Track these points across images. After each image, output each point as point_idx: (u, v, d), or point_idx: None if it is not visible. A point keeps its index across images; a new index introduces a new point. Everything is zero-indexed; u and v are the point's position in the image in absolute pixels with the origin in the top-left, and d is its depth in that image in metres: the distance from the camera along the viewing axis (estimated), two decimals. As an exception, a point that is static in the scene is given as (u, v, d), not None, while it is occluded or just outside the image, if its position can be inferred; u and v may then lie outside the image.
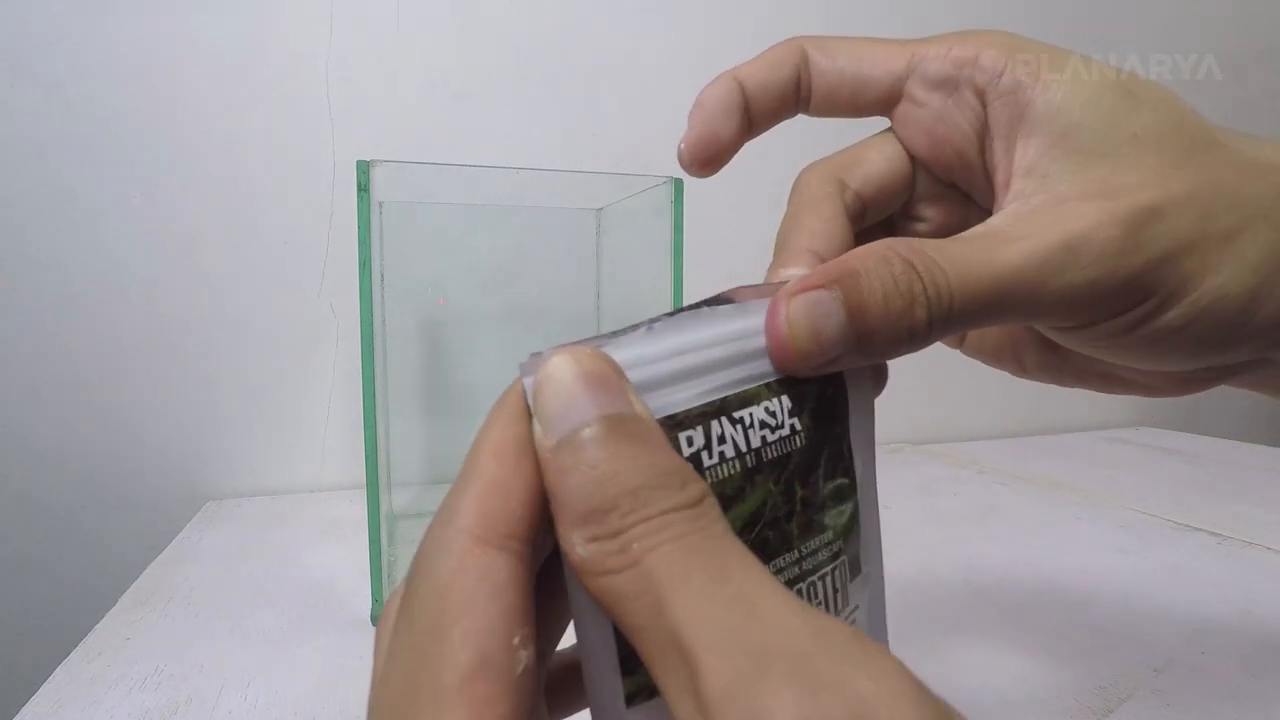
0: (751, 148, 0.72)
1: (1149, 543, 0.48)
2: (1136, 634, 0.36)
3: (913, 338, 0.16)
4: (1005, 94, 0.17)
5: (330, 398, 0.61)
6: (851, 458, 0.18)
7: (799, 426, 0.16)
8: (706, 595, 0.10)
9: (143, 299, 0.57)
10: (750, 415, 0.15)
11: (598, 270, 0.57)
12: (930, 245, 0.16)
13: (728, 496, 0.14)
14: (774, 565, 0.15)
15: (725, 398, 0.15)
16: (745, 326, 0.16)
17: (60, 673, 0.32)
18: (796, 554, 0.16)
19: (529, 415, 0.13)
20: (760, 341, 0.16)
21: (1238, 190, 0.16)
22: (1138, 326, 0.17)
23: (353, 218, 0.35)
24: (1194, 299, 0.16)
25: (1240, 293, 0.16)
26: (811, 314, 0.15)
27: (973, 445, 0.78)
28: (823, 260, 0.18)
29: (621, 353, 0.14)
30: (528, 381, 0.13)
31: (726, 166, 0.38)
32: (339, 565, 0.44)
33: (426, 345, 0.57)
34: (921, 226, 0.21)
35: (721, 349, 0.15)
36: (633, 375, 0.14)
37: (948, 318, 0.15)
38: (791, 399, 0.16)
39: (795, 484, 0.16)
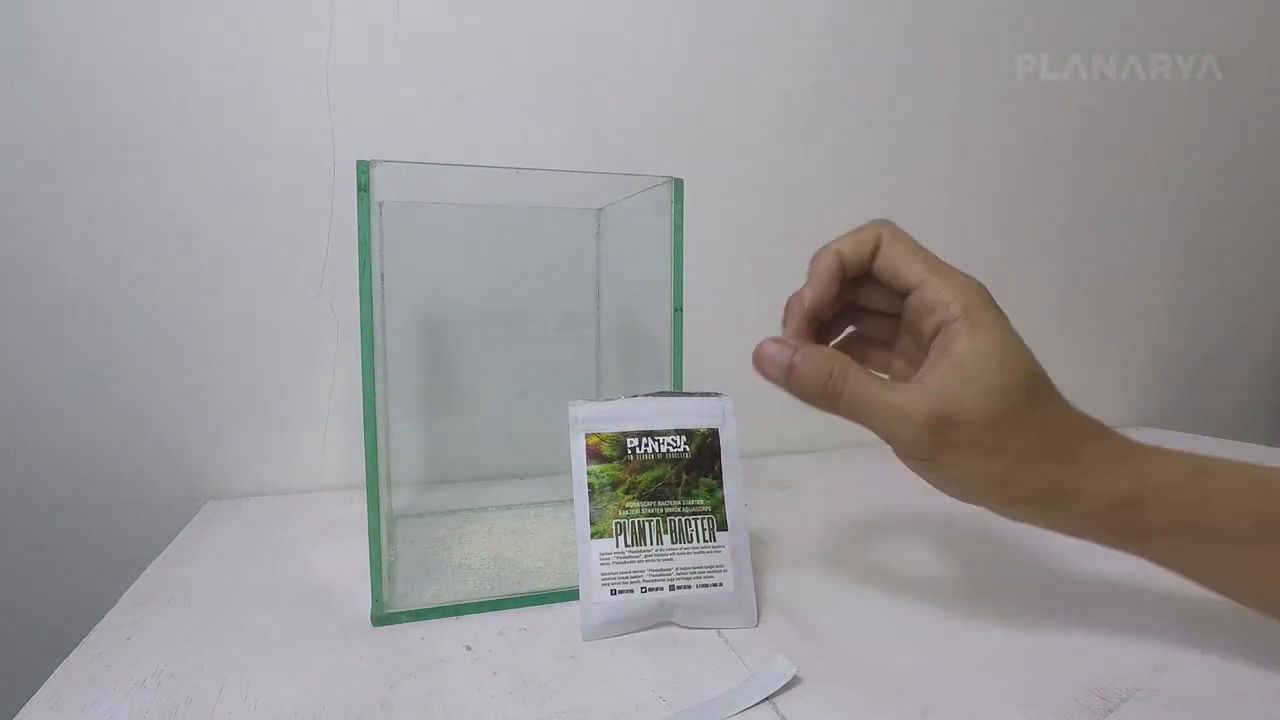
0: (750, 152, 0.74)
1: (1149, 543, 0.48)
2: (1136, 634, 0.36)
3: (813, 400, 0.32)
4: (948, 333, 0.30)
5: (330, 398, 0.61)
6: (721, 471, 0.38)
7: (689, 450, 0.37)
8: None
9: (142, 299, 0.57)
10: (664, 439, 0.37)
11: (598, 270, 0.57)
12: (854, 371, 0.31)
13: (646, 465, 0.37)
14: (665, 502, 0.36)
15: (653, 429, 0.37)
16: (678, 406, 0.38)
17: (60, 673, 0.32)
18: (680, 502, 0.36)
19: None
20: (685, 416, 0.38)
21: (1018, 437, 0.29)
22: (924, 468, 0.31)
23: (353, 218, 0.35)
24: (952, 473, 0.30)
25: (965, 477, 0.30)
26: (775, 352, 0.32)
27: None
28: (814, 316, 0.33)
29: (622, 405, 0.38)
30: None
31: (726, 167, 0.64)
32: (339, 565, 0.44)
33: (426, 345, 0.57)
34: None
35: (663, 409, 0.38)
36: (624, 412, 0.38)
37: (833, 406, 0.31)
38: (688, 437, 0.37)
39: (682, 471, 0.37)
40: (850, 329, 0.36)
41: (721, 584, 0.36)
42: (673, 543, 0.36)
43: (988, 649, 0.34)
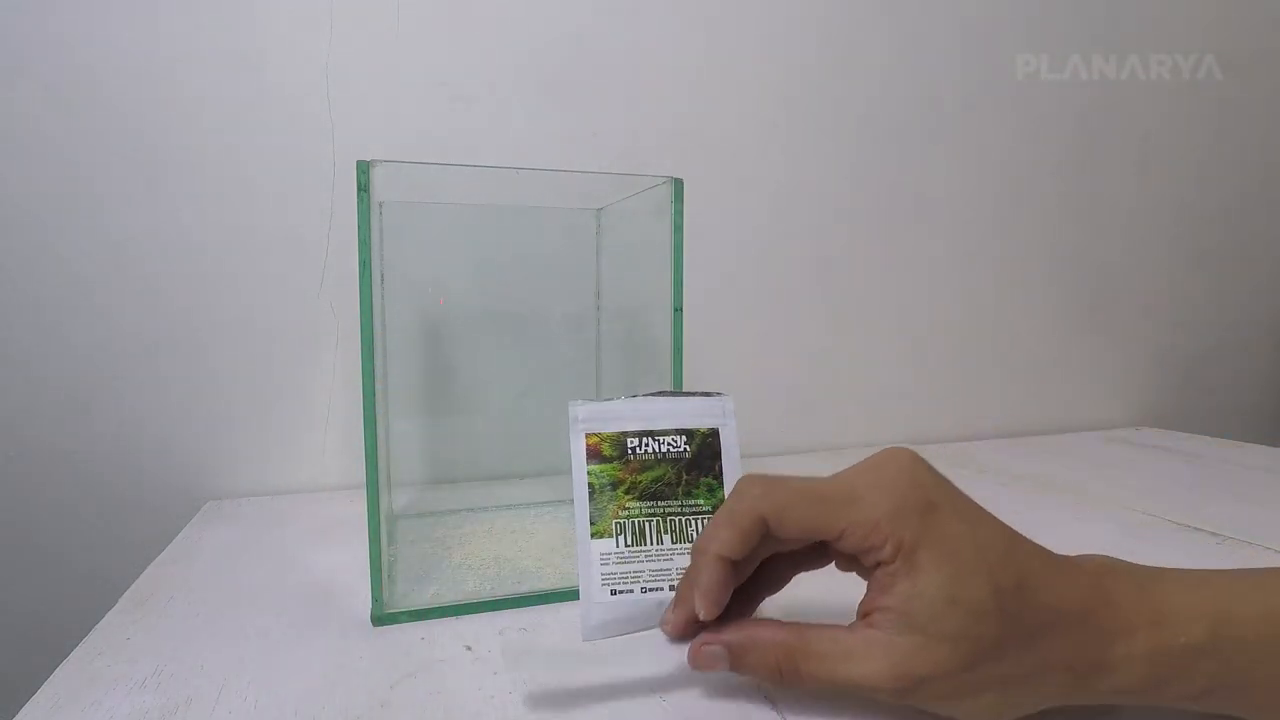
0: (750, 152, 0.74)
1: (1149, 543, 0.48)
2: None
3: (774, 686, 0.30)
4: (886, 575, 0.27)
5: (330, 398, 0.61)
6: (721, 472, 0.37)
7: (689, 450, 0.36)
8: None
9: (143, 299, 0.57)
10: (664, 439, 0.36)
11: (598, 270, 0.57)
12: (799, 652, 0.28)
13: (646, 465, 0.36)
14: (665, 502, 0.36)
15: (653, 429, 0.36)
16: (678, 406, 0.37)
17: (60, 673, 0.32)
18: (680, 502, 0.36)
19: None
20: (685, 416, 0.37)
21: (996, 655, 0.25)
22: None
23: (353, 218, 0.35)
24: (949, 713, 0.27)
25: (978, 713, 0.26)
26: (711, 657, 0.29)
27: (973, 445, 0.78)
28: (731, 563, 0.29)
29: (622, 405, 0.37)
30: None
31: (726, 168, 0.61)
32: (339, 565, 0.44)
33: (426, 345, 0.57)
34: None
35: (663, 409, 0.37)
36: (624, 412, 0.37)
37: (789, 686, 0.28)
38: (688, 437, 0.37)
39: (682, 471, 0.36)
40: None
41: None
42: (673, 543, 0.36)
43: (988, 649, 0.34)
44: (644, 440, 0.37)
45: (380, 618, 0.36)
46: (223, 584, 0.42)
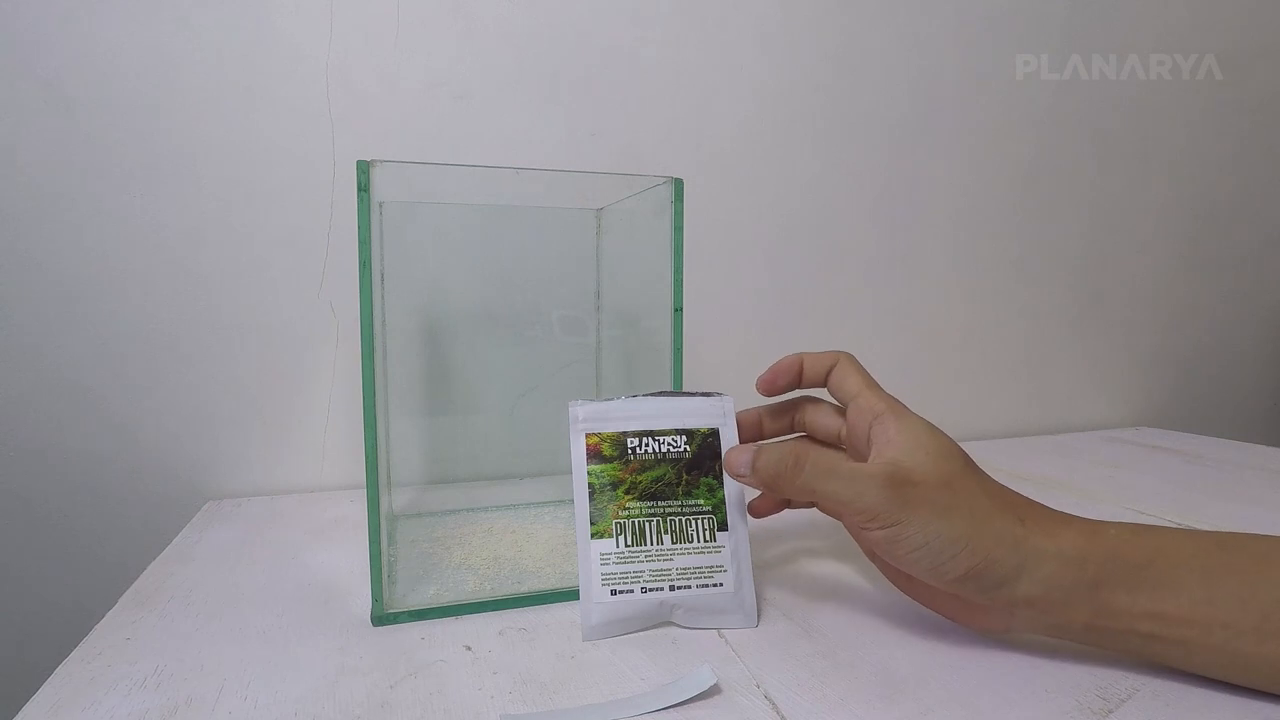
0: (750, 152, 0.75)
1: (1149, 543, 0.48)
2: (1136, 634, 0.35)
3: (781, 474, 0.33)
4: (880, 425, 0.35)
5: (330, 398, 0.61)
6: (721, 472, 0.37)
7: (689, 450, 0.37)
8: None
9: (143, 299, 0.57)
10: (664, 439, 0.37)
11: (598, 270, 0.57)
12: (814, 448, 0.37)
13: (647, 465, 0.37)
14: (665, 501, 0.36)
15: (653, 429, 0.37)
16: (678, 405, 0.38)
17: (60, 673, 0.32)
18: (680, 501, 0.36)
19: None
20: (685, 415, 0.38)
21: (969, 496, 0.32)
22: (891, 536, 0.31)
23: (353, 218, 0.35)
24: (919, 534, 0.31)
25: (931, 539, 0.30)
26: (741, 452, 0.35)
27: (973, 445, 0.78)
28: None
29: (623, 406, 0.37)
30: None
31: (726, 167, 0.65)
32: (339, 565, 0.44)
33: (426, 345, 0.57)
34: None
35: (663, 409, 0.38)
36: (624, 412, 0.37)
37: (798, 477, 0.33)
38: (688, 437, 0.38)
39: (682, 471, 0.37)
40: (801, 434, 0.42)
41: (721, 584, 0.36)
42: (673, 543, 0.36)
43: (987, 649, 0.34)
44: (644, 440, 0.37)
45: (380, 618, 0.36)
46: (223, 584, 0.42)
